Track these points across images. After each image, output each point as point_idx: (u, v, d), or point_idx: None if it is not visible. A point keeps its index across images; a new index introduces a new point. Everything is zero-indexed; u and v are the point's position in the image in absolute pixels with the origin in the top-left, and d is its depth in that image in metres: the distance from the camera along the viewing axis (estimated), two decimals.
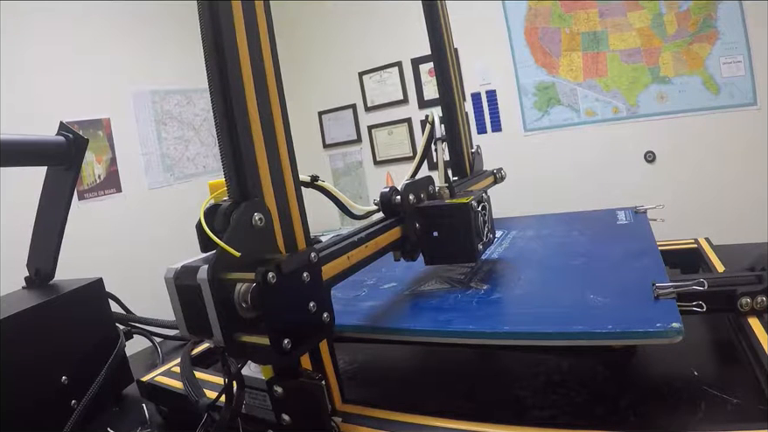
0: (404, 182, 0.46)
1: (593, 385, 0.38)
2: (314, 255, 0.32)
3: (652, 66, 2.36)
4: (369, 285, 0.49)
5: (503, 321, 0.36)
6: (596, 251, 0.49)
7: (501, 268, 0.49)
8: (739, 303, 0.36)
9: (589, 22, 2.46)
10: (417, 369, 0.48)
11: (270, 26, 0.33)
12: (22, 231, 0.63)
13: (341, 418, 0.32)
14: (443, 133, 0.56)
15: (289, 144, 0.34)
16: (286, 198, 0.33)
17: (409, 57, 2.96)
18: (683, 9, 2.26)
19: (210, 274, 0.28)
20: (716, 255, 0.52)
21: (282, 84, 0.34)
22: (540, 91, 2.63)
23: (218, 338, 0.29)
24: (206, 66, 0.31)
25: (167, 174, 2.82)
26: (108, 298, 0.57)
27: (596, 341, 0.32)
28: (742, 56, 2.19)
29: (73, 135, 0.53)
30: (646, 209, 0.57)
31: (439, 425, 0.31)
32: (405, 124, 3.07)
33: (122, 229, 2.51)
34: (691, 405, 0.33)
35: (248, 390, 0.35)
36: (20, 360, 0.45)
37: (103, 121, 2.53)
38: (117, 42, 2.58)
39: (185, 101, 2.94)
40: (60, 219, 0.53)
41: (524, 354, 0.42)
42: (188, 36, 2.27)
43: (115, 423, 0.48)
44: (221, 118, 0.31)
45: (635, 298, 0.35)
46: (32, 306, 0.47)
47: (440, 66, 0.68)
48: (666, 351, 0.36)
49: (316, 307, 0.32)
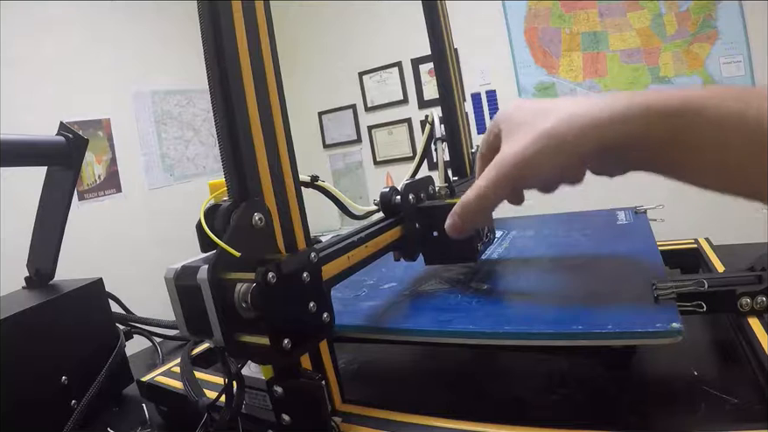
0: (404, 182, 0.46)
1: (593, 385, 0.39)
2: (314, 255, 0.32)
3: (652, 66, 2.36)
4: (369, 285, 0.49)
5: (503, 321, 0.36)
6: (597, 251, 0.49)
7: (501, 268, 0.49)
8: (739, 303, 0.36)
9: (589, 22, 2.46)
10: (417, 369, 0.48)
11: (270, 26, 0.33)
12: (22, 231, 0.63)
13: (341, 418, 0.32)
14: (443, 133, 0.56)
15: (289, 144, 0.34)
16: (286, 198, 0.33)
17: (409, 57, 2.96)
18: (683, 9, 2.26)
19: (210, 274, 0.28)
20: (716, 255, 0.52)
21: (282, 84, 0.34)
22: (540, 91, 2.63)
23: (218, 338, 0.29)
24: (206, 66, 0.31)
25: (167, 174, 2.82)
26: (108, 298, 0.57)
27: (596, 341, 0.32)
28: (742, 56, 2.19)
29: (73, 135, 0.53)
30: (646, 209, 0.57)
31: (439, 425, 0.31)
32: (405, 124, 3.08)
33: (122, 229, 2.51)
34: (691, 405, 0.33)
35: (248, 390, 0.35)
36: (20, 360, 0.45)
37: (103, 121, 2.53)
38: (117, 42, 2.58)
39: (184, 101, 2.94)
40: (60, 219, 0.53)
41: (524, 354, 0.42)
42: (188, 36, 2.27)
43: (115, 423, 0.48)
44: (221, 118, 0.31)
45: (635, 298, 0.35)
46: (32, 306, 0.47)
47: (440, 66, 0.68)
48: (666, 351, 0.36)
49: (316, 307, 0.32)
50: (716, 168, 0.27)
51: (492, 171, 0.32)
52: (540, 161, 0.30)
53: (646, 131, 0.27)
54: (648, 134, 0.27)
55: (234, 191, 0.31)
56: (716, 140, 0.26)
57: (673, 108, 0.26)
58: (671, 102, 0.27)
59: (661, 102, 0.27)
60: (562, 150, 0.30)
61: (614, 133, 0.28)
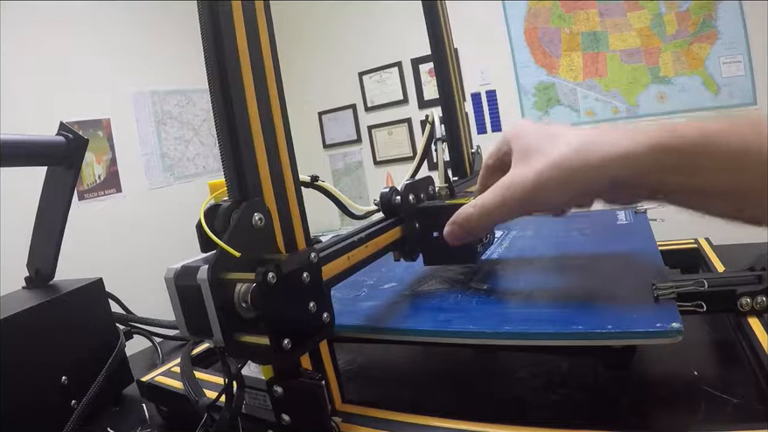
0: (404, 182, 0.46)
1: (593, 385, 0.39)
2: (314, 255, 0.32)
3: (652, 66, 2.36)
4: (369, 285, 0.49)
5: (503, 321, 0.36)
6: (596, 251, 0.49)
7: (501, 268, 0.49)
8: (739, 303, 0.36)
9: (588, 22, 2.46)
10: (417, 369, 0.48)
11: (270, 26, 0.33)
12: (22, 231, 0.63)
13: (341, 418, 0.32)
14: (443, 133, 0.56)
15: (289, 144, 0.34)
16: (286, 198, 0.33)
17: (409, 57, 2.96)
18: (683, 9, 2.26)
19: (210, 274, 0.28)
20: (716, 255, 0.52)
21: (282, 84, 0.34)
22: (539, 91, 2.63)
23: (218, 338, 0.29)
24: (206, 66, 0.31)
25: (167, 174, 2.82)
26: (108, 298, 0.57)
27: (596, 341, 0.32)
28: (741, 56, 2.19)
29: (73, 135, 0.53)
30: (646, 209, 0.57)
31: (439, 425, 0.31)
32: (405, 124, 3.08)
33: (122, 229, 2.51)
34: (691, 405, 0.33)
35: (248, 390, 0.35)
36: (20, 360, 0.45)
37: (103, 121, 2.53)
38: (117, 42, 2.59)
39: (185, 101, 2.94)
40: (60, 219, 0.53)
41: (524, 354, 0.42)
42: (188, 36, 2.27)
43: (115, 423, 0.48)
44: (221, 118, 0.31)
45: (635, 298, 0.35)
46: (32, 306, 0.47)
47: (440, 66, 0.68)
48: (666, 351, 0.36)
49: (316, 307, 0.32)
50: (732, 198, 0.28)
51: (500, 192, 0.33)
52: (550, 191, 0.31)
53: (659, 168, 0.28)
54: (660, 170, 0.28)
55: (234, 191, 0.31)
56: (734, 170, 0.26)
57: (688, 143, 0.27)
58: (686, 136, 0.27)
59: (677, 138, 0.27)
60: (572, 182, 0.30)
61: (625, 170, 0.28)
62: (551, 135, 0.32)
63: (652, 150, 0.27)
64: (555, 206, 0.34)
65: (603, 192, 0.31)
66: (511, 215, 0.34)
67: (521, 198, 0.32)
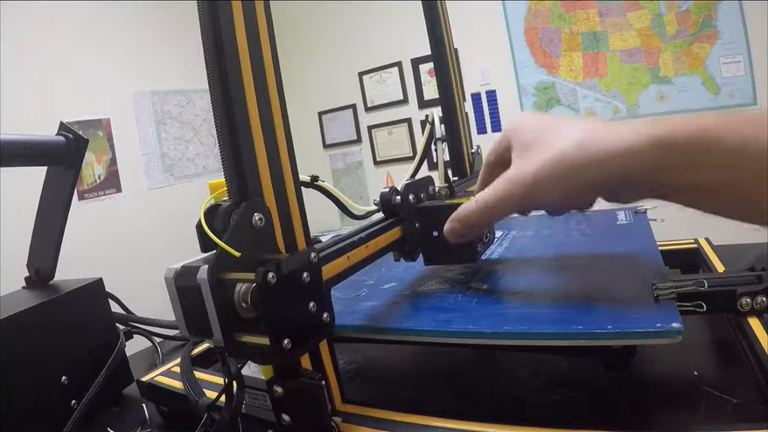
0: (404, 182, 0.46)
1: (593, 385, 0.38)
2: (314, 255, 0.32)
3: (652, 66, 2.36)
4: (369, 285, 0.49)
5: (503, 321, 0.36)
6: (596, 251, 0.49)
7: (501, 268, 0.49)
8: (739, 303, 0.36)
9: (589, 22, 2.46)
10: (417, 369, 0.48)
11: (270, 26, 0.33)
12: (22, 231, 0.63)
13: (341, 418, 0.32)
14: (443, 133, 0.56)
15: (289, 144, 0.34)
16: (286, 198, 0.33)
17: (409, 57, 2.96)
18: (683, 9, 2.26)
19: (210, 274, 0.28)
20: (716, 255, 0.52)
21: (282, 84, 0.34)
22: (540, 91, 2.63)
23: (218, 338, 0.29)
24: (206, 66, 0.31)
25: (167, 174, 2.82)
26: (108, 298, 0.57)
27: (595, 341, 0.32)
28: (741, 56, 2.19)
29: (73, 135, 0.53)
30: (646, 209, 0.57)
31: (439, 425, 0.31)
32: (405, 124, 3.08)
33: (122, 229, 2.51)
34: (691, 405, 0.33)
35: (248, 390, 0.35)
36: (20, 360, 0.45)
37: (103, 121, 2.53)
38: (117, 42, 2.59)
39: (185, 101, 2.94)
40: (60, 219, 0.53)
41: (524, 354, 0.42)
42: (188, 36, 2.27)
43: (115, 423, 0.48)
44: (221, 118, 0.31)
45: (635, 298, 0.35)
46: (32, 306, 0.47)
47: (440, 66, 0.68)
48: (666, 351, 0.36)
49: (316, 307, 0.32)
50: (731, 193, 0.27)
51: (500, 188, 0.33)
52: (549, 186, 0.31)
53: (660, 164, 0.27)
54: (661, 166, 0.27)
55: (234, 191, 0.31)
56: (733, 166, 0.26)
57: (687, 137, 0.27)
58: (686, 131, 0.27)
59: (677, 133, 0.27)
60: (571, 178, 0.30)
61: (626, 166, 0.28)
62: (550, 130, 0.31)
63: (655, 145, 0.27)
64: (555, 202, 0.33)
65: (603, 189, 0.31)
66: (511, 211, 0.34)
67: (522, 194, 0.32)
